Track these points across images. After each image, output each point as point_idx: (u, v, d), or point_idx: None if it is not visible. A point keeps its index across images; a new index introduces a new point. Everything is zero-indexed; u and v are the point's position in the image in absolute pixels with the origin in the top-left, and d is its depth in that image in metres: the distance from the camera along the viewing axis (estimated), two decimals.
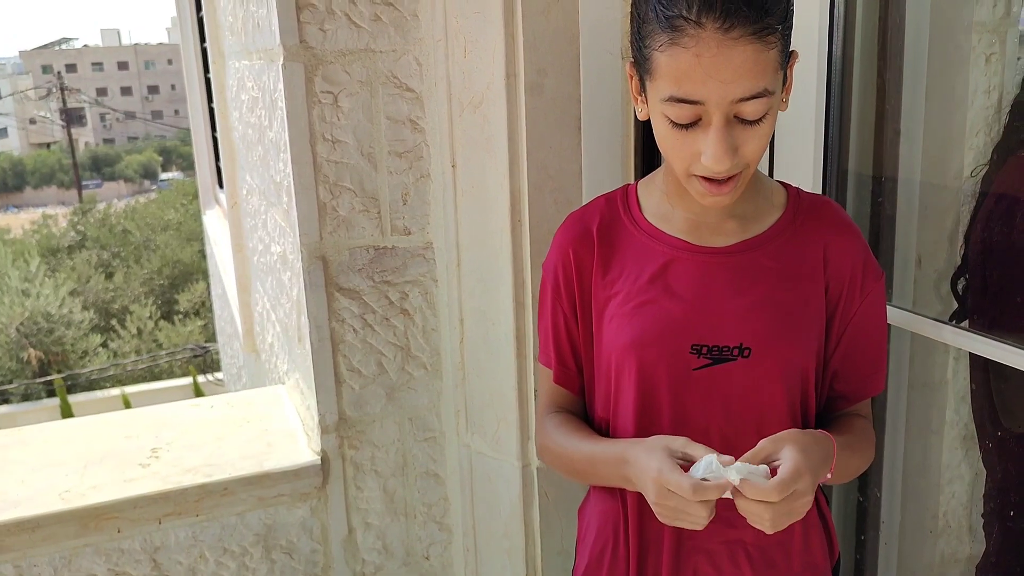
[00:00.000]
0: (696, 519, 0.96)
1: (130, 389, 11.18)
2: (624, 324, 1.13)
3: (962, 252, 1.44)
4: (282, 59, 1.52)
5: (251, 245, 2.73)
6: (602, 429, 1.22)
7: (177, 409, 1.97)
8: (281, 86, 1.54)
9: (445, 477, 1.81)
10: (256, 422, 1.89)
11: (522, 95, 1.48)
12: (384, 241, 1.66)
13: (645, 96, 1.03)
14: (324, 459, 1.70)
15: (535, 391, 1.58)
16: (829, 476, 1.01)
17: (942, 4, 1.48)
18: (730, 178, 1.02)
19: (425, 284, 1.70)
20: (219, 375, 8.43)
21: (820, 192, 1.48)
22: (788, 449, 0.95)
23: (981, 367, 1.43)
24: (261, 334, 2.77)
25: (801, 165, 1.46)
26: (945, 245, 1.54)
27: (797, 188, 1.19)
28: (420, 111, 1.62)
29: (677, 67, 0.94)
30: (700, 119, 0.97)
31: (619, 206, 1.20)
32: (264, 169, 2.03)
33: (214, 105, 3.08)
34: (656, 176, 1.20)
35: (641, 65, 1.01)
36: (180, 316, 14.36)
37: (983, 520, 1.50)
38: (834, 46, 1.42)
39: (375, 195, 1.63)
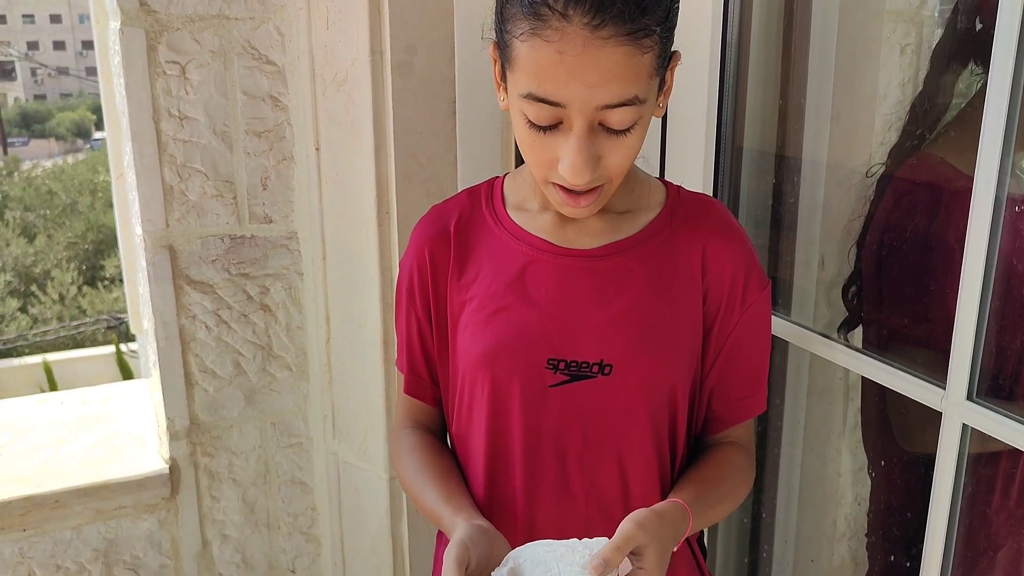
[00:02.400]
0: None
1: (52, 357, 10.74)
2: (477, 334, 1.01)
3: (855, 258, 1.34)
4: (119, 23, 1.35)
5: (132, 222, 2.54)
6: (456, 449, 1.09)
7: (22, 406, 1.79)
8: (119, 54, 1.37)
9: (313, 486, 1.67)
10: (108, 423, 1.72)
11: (388, 74, 1.33)
12: (241, 229, 1.50)
13: (506, 85, 0.90)
14: (173, 468, 1.54)
15: None
16: (674, 549, 0.91)
17: None
18: (591, 190, 0.89)
19: (289, 277, 1.55)
20: (133, 345, 8.12)
21: (712, 190, 1.37)
22: (650, 552, 0.84)
23: (874, 390, 1.34)
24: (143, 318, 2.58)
25: (692, 161, 1.34)
26: (848, 249, 1.44)
27: (679, 187, 1.06)
28: (282, 87, 1.46)
29: (537, 62, 0.81)
30: (561, 122, 0.84)
31: (482, 200, 1.07)
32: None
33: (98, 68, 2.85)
34: (524, 168, 1.06)
35: (502, 51, 0.87)
36: (106, 283, 13.88)
37: (867, 543, 1.42)
38: (728, 34, 1.30)
39: (230, 178, 1.46)
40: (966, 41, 1.17)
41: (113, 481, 1.50)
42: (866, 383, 1.39)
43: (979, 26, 1.15)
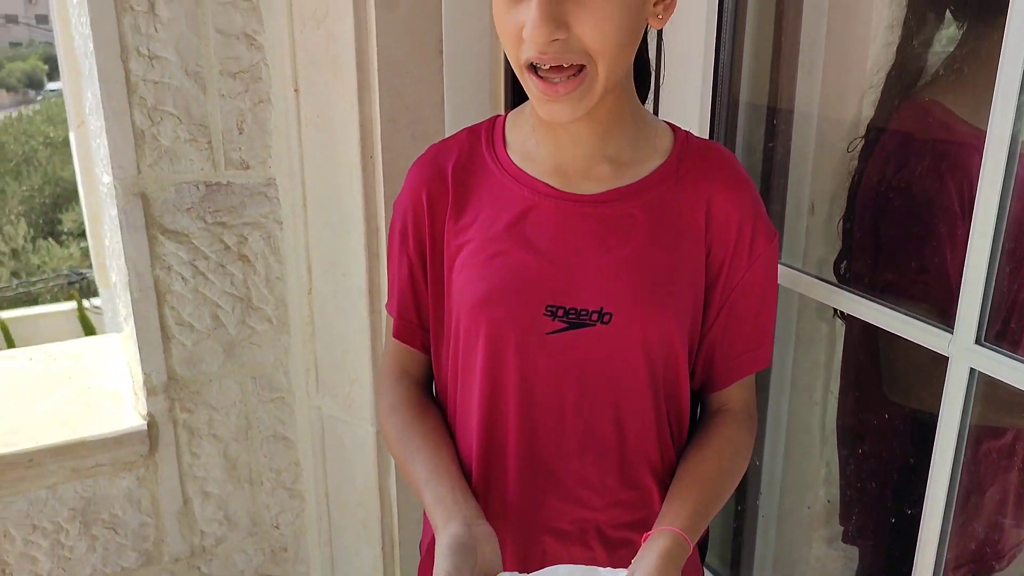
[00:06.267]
0: None
1: (7, 314, 10.49)
2: (473, 277, 0.98)
3: (848, 195, 1.32)
4: None
5: (96, 171, 2.44)
6: (445, 398, 1.06)
7: None
8: None
9: (295, 440, 1.63)
10: (80, 379, 1.66)
11: (372, 9, 1.26)
12: (217, 176, 1.43)
13: None
14: (151, 424, 1.49)
15: None
16: None
17: None
18: (569, 79, 0.85)
19: (267, 226, 1.49)
20: (96, 301, 7.90)
21: (708, 130, 1.33)
22: None
23: (864, 339, 1.32)
24: (111, 270, 2.50)
25: (688, 99, 1.30)
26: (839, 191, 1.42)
27: (687, 132, 1.02)
28: (257, 24, 1.38)
29: None
30: None
31: (482, 140, 1.02)
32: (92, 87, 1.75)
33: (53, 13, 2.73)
34: (526, 108, 1.02)
35: None
36: (64, 237, 13.55)
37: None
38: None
39: (204, 122, 1.39)
40: None
41: (90, 439, 1.44)
42: (851, 334, 1.37)
43: None
